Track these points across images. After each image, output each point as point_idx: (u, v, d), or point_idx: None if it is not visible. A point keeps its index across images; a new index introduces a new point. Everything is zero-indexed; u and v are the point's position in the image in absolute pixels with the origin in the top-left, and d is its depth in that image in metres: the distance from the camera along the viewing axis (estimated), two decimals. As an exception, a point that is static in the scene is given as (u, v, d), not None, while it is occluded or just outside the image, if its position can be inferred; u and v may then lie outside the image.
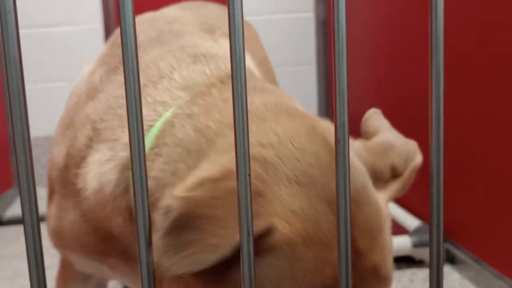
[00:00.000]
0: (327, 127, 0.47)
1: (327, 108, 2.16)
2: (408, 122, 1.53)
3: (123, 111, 0.56)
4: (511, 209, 1.14)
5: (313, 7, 2.12)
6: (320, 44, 2.13)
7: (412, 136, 1.74)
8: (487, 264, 1.23)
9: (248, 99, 0.48)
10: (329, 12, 2.14)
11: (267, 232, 0.38)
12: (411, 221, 1.42)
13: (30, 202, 0.31)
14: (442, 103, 0.34)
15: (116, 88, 0.59)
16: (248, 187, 0.29)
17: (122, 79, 0.60)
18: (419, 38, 1.44)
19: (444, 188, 0.38)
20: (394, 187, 0.50)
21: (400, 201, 1.57)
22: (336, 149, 0.31)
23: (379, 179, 0.50)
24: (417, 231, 1.36)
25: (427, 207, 1.46)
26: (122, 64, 0.61)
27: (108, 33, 2.05)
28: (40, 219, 0.32)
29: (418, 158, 0.54)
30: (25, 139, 0.30)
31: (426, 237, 1.32)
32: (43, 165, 2.12)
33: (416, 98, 1.49)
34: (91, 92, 0.61)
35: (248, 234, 0.29)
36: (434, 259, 0.32)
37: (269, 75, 0.84)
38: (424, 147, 1.50)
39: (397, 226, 1.43)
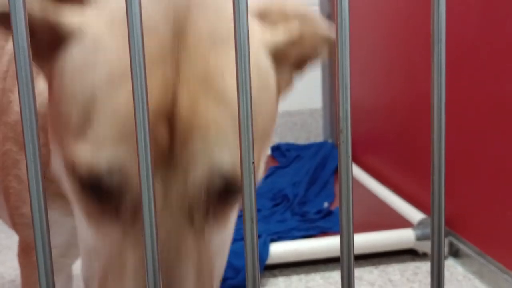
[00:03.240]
0: None
1: (332, 103, 2.16)
2: (410, 113, 1.53)
3: None
4: (516, 202, 1.14)
5: (318, 1, 2.11)
6: (325, 37, 2.13)
7: (414, 126, 1.74)
8: (491, 257, 1.23)
9: None
10: (333, 3, 2.13)
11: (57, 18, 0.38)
12: (415, 214, 1.42)
13: (38, 194, 0.31)
14: (443, 92, 0.35)
15: None
16: (252, 175, 0.29)
17: None
18: (421, 30, 1.43)
19: (448, 182, 0.38)
20: (283, 33, 0.43)
21: (404, 194, 1.57)
22: (339, 138, 0.31)
23: (265, 17, 0.44)
24: (420, 224, 1.36)
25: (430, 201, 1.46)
26: None
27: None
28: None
29: (324, 26, 0.45)
30: (33, 128, 0.30)
31: (429, 230, 1.33)
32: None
33: (418, 89, 1.49)
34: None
35: (252, 222, 0.30)
36: (436, 243, 0.32)
37: None
38: (427, 138, 1.49)
39: (401, 219, 1.43)
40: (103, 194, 0.38)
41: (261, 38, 0.42)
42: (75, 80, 0.39)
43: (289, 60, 0.45)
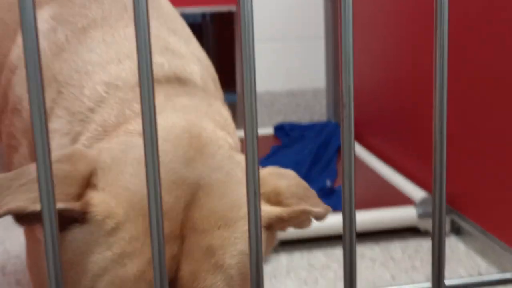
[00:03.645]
0: (216, 136, 0.52)
1: (335, 83, 2.16)
2: (412, 93, 1.53)
3: (87, 81, 0.57)
4: (517, 181, 1.15)
5: (322, -22, 2.09)
6: (329, 17, 2.11)
7: (416, 106, 1.72)
8: (493, 235, 1.24)
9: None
10: (338, -16, 2.10)
11: (86, 205, 0.44)
12: (417, 192, 1.43)
13: (46, 182, 0.31)
14: (445, 69, 0.35)
15: (86, 52, 0.59)
16: (256, 148, 0.30)
17: (93, 44, 0.60)
18: (425, 8, 1.42)
19: (450, 160, 0.38)
20: (275, 210, 0.50)
21: (407, 172, 1.58)
22: (342, 113, 0.31)
23: (268, 199, 0.51)
24: (422, 202, 1.37)
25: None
26: (91, 27, 0.61)
27: None
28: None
29: (312, 208, 0.52)
30: (40, 104, 0.31)
31: (431, 208, 1.34)
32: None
33: (420, 69, 1.48)
34: (57, 51, 0.60)
35: (255, 195, 0.31)
36: (436, 219, 0.33)
37: None
38: (430, 117, 1.50)
39: (403, 197, 1.44)
40: None
41: None
42: (86, 255, 0.44)
43: (276, 229, 0.52)
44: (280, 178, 0.52)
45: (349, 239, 0.34)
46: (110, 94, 0.55)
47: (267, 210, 0.49)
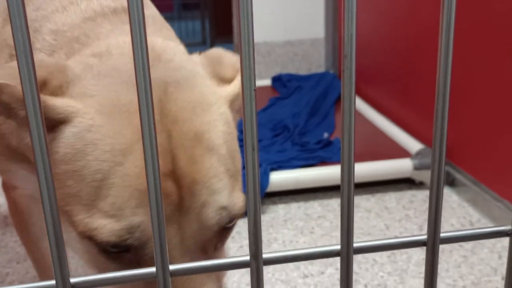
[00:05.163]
0: (168, 46, 0.54)
1: (334, 32, 2.11)
2: (411, 45, 1.50)
3: (36, 37, 0.58)
4: (511, 132, 1.15)
5: None
6: (329, -38, 2.04)
7: (414, 58, 1.70)
8: (485, 186, 1.26)
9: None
10: None
11: (65, 114, 0.46)
12: (413, 145, 1.44)
13: (45, 170, 0.31)
14: (453, 22, 0.34)
15: (33, 11, 0.60)
16: (254, 102, 0.29)
17: (39, 1, 0.61)
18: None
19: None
20: (233, 85, 0.54)
21: (404, 124, 1.58)
22: (343, 64, 0.31)
23: (222, 80, 0.55)
24: (418, 154, 1.38)
25: (429, 131, 1.47)
26: None
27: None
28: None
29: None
30: (32, 82, 0.30)
31: (427, 160, 1.35)
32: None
33: (419, 21, 1.45)
34: (6, 15, 0.62)
35: (253, 150, 0.30)
36: (435, 177, 0.33)
37: None
38: (427, 70, 1.49)
39: (400, 149, 1.45)
40: (122, 251, 0.46)
41: (222, 94, 0.53)
42: (76, 160, 0.45)
43: (236, 109, 0.54)
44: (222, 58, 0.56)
45: (347, 188, 0.34)
46: (58, 40, 0.57)
47: (229, 90, 0.53)
